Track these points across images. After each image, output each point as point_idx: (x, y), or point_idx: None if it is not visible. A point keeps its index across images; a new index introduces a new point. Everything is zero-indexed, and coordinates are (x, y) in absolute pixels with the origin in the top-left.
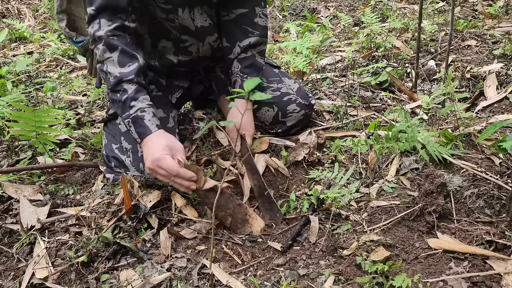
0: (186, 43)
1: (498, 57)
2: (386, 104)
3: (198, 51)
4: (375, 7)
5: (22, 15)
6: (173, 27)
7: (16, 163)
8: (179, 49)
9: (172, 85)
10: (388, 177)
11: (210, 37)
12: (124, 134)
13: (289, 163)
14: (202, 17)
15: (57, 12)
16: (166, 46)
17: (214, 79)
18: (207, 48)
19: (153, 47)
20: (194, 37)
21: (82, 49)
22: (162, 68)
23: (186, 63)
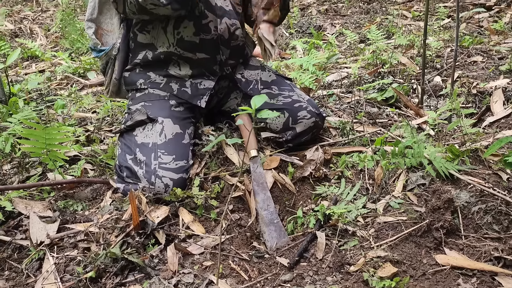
0: (207, 19)
1: (504, 72)
2: (393, 120)
3: (216, 29)
4: (380, 24)
5: (34, 34)
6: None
7: (27, 179)
8: (199, 27)
9: (199, 90)
10: (395, 193)
11: (228, 20)
12: (139, 146)
13: (295, 179)
14: (224, 2)
15: (87, 19)
16: (187, 27)
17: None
18: (224, 27)
19: (174, 30)
20: (212, 13)
21: (105, 58)
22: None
23: (206, 44)
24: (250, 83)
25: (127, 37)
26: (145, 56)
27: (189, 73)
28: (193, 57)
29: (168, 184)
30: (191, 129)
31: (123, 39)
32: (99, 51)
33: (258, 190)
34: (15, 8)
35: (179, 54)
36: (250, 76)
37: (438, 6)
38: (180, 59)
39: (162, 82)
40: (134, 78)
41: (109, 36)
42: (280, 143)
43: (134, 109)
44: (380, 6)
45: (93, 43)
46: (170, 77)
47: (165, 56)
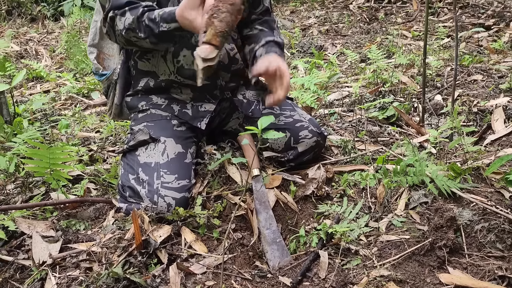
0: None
1: (504, 91)
2: (394, 138)
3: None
4: (381, 44)
5: (39, 55)
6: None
7: (30, 199)
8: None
9: (199, 112)
10: (397, 211)
11: (227, 45)
12: (142, 166)
13: (298, 197)
14: None
15: (89, 45)
16: (186, 55)
17: (236, 101)
18: (223, 53)
19: (173, 59)
20: None
21: (106, 82)
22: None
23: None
24: (251, 104)
25: (126, 64)
26: (147, 83)
27: (191, 96)
28: (194, 84)
29: (171, 203)
30: (193, 148)
31: (122, 66)
32: (101, 75)
33: (260, 209)
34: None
35: (180, 82)
36: (252, 96)
37: (437, 26)
38: (181, 86)
39: (164, 103)
40: (136, 102)
41: (111, 61)
42: (282, 162)
43: (136, 130)
44: (380, 26)
45: (95, 68)
46: (172, 99)
47: (166, 83)
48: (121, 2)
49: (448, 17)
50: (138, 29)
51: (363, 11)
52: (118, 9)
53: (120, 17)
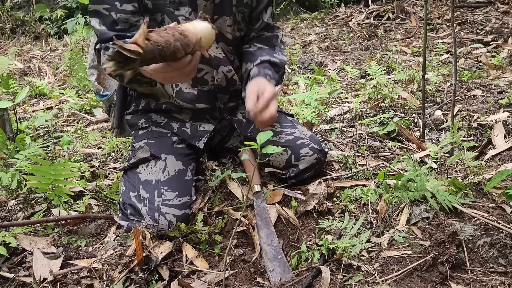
0: (202, 72)
1: (504, 106)
2: (395, 153)
3: (213, 79)
4: (380, 60)
5: (42, 73)
6: None
7: (32, 215)
8: (195, 80)
9: (198, 131)
10: (399, 227)
11: (224, 67)
12: (143, 183)
13: (299, 213)
14: (217, 50)
15: (89, 67)
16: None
17: (235, 122)
18: (221, 76)
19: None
20: (208, 64)
21: (107, 103)
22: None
23: (205, 95)
24: (250, 124)
25: (122, 87)
26: (147, 104)
27: (190, 116)
28: (193, 107)
29: (172, 220)
30: (193, 165)
31: (118, 89)
32: (102, 96)
33: (261, 225)
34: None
35: (179, 105)
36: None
37: (436, 42)
38: (181, 109)
39: (163, 121)
40: (136, 120)
41: (111, 80)
42: (283, 179)
43: (137, 147)
44: (380, 43)
45: (96, 89)
46: (171, 117)
47: (166, 106)
48: (107, 36)
49: (446, 34)
50: None
51: (362, 28)
52: (105, 42)
53: (104, 51)
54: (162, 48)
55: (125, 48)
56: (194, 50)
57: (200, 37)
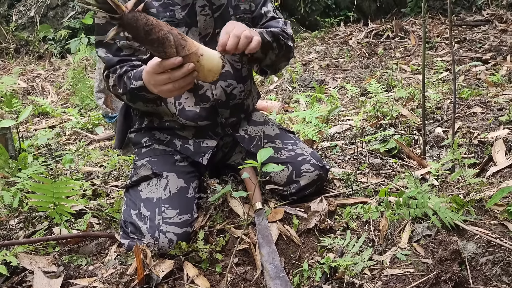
0: (203, 89)
1: (504, 123)
2: (396, 170)
3: (213, 95)
4: (380, 78)
5: (45, 91)
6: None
7: (33, 234)
8: (197, 97)
9: (201, 147)
10: (401, 244)
11: (223, 82)
12: (144, 201)
13: (300, 231)
14: None
15: (96, 91)
16: (188, 97)
17: (238, 137)
18: (220, 91)
19: (175, 102)
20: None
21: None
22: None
23: (206, 112)
24: (253, 140)
25: (124, 106)
26: (151, 122)
27: (193, 133)
28: (196, 125)
29: (172, 239)
30: (195, 183)
31: (121, 108)
32: (111, 118)
33: (263, 243)
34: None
35: (182, 123)
36: (254, 132)
37: (435, 60)
38: (184, 126)
39: (166, 139)
40: (139, 138)
41: (118, 102)
42: (284, 196)
43: (139, 165)
44: (380, 61)
45: (104, 112)
46: (174, 135)
47: (169, 124)
48: (113, 61)
49: (445, 52)
50: (119, 85)
51: (362, 46)
52: (112, 67)
53: (112, 75)
54: (151, 27)
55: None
56: (188, 58)
57: (201, 54)
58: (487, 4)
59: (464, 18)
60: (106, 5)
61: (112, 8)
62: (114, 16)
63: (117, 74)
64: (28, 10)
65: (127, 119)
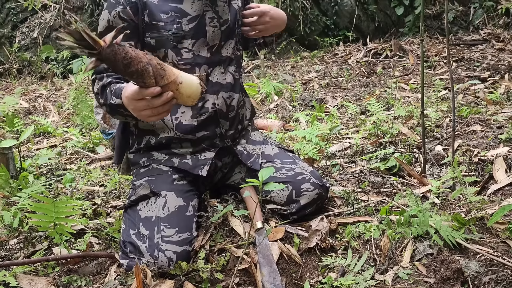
0: (204, 99)
1: (503, 141)
2: (397, 189)
3: (214, 105)
4: (380, 96)
5: (47, 111)
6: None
7: (32, 254)
8: (195, 109)
9: (199, 160)
10: (403, 263)
11: (224, 93)
12: (143, 220)
13: (302, 250)
14: (221, 76)
15: (95, 106)
16: (184, 112)
17: (237, 151)
18: (221, 101)
19: (172, 117)
20: (208, 91)
21: (112, 141)
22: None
23: (205, 123)
24: (251, 157)
25: (121, 124)
26: (148, 141)
27: (190, 150)
28: (193, 138)
29: (171, 257)
30: (195, 201)
31: (118, 126)
32: (108, 134)
33: (264, 263)
34: (30, 87)
35: (180, 138)
36: (252, 150)
37: (434, 78)
38: (181, 141)
39: (164, 158)
40: (137, 158)
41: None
42: (285, 215)
43: (138, 184)
44: (379, 80)
45: (102, 128)
46: (172, 154)
47: (166, 140)
48: (101, 68)
49: (444, 70)
50: (101, 95)
51: (361, 65)
52: (100, 73)
53: (98, 81)
54: (129, 60)
55: (89, 35)
56: (167, 87)
57: (180, 82)
58: (484, 24)
59: (461, 37)
60: (83, 41)
61: (90, 44)
62: (93, 52)
63: (101, 83)
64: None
65: (125, 135)
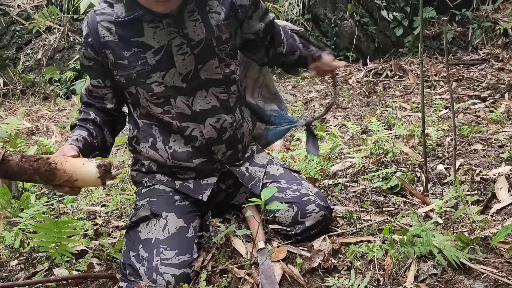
0: (188, 130)
1: (505, 160)
2: (399, 208)
3: (202, 133)
4: (381, 116)
5: (50, 132)
6: (171, 118)
7: (33, 275)
8: (185, 138)
9: (201, 185)
10: (406, 284)
11: (211, 119)
12: (142, 242)
13: (304, 270)
14: (204, 100)
15: None
16: (176, 140)
17: (238, 173)
18: (209, 129)
19: (165, 146)
20: (192, 121)
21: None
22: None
23: (198, 150)
24: (253, 179)
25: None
26: (150, 166)
27: (193, 176)
28: (191, 165)
29: (170, 281)
30: (196, 222)
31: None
32: None
33: (266, 284)
34: (33, 108)
35: (178, 165)
36: (255, 172)
37: (434, 98)
38: (181, 169)
39: (167, 179)
40: (140, 178)
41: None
42: (287, 235)
43: (139, 205)
44: (379, 99)
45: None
46: (175, 177)
47: (168, 168)
48: (83, 99)
49: (444, 90)
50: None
51: (362, 85)
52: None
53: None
54: (13, 173)
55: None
56: (63, 186)
57: (76, 179)
58: (483, 44)
59: (461, 57)
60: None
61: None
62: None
63: (78, 117)
64: (35, 53)
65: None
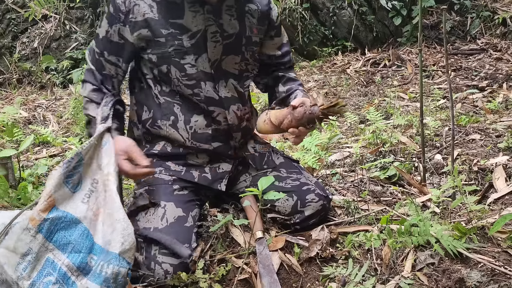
0: (214, 114)
1: (503, 150)
2: (397, 198)
3: (226, 119)
4: (379, 106)
5: (47, 121)
6: (199, 101)
7: None
8: (209, 119)
9: (218, 174)
10: (404, 273)
11: (234, 106)
12: (141, 231)
13: (302, 259)
14: (225, 89)
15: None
16: (198, 120)
17: (249, 157)
18: (233, 116)
19: (186, 126)
20: (219, 106)
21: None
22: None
23: (219, 133)
24: (264, 156)
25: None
26: (164, 147)
27: (207, 160)
28: (209, 147)
29: (168, 270)
30: (195, 211)
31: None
32: None
33: (264, 273)
34: (30, 97)
35: (196, 147)
36: (262, 148)
37: (432, 88)
38: (198, 151)
39: (183, 170)
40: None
41: None
42: (286, 225)
43: (138, 194)
44: (377, 89)
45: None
46: (189, 166)
47: (183, 149)
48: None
49: (442, 80)
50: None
51: (360, 75)
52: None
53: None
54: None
55: None
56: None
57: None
58: (482, 33)
59: (459, 47)
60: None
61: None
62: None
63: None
64: (31, 42)
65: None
